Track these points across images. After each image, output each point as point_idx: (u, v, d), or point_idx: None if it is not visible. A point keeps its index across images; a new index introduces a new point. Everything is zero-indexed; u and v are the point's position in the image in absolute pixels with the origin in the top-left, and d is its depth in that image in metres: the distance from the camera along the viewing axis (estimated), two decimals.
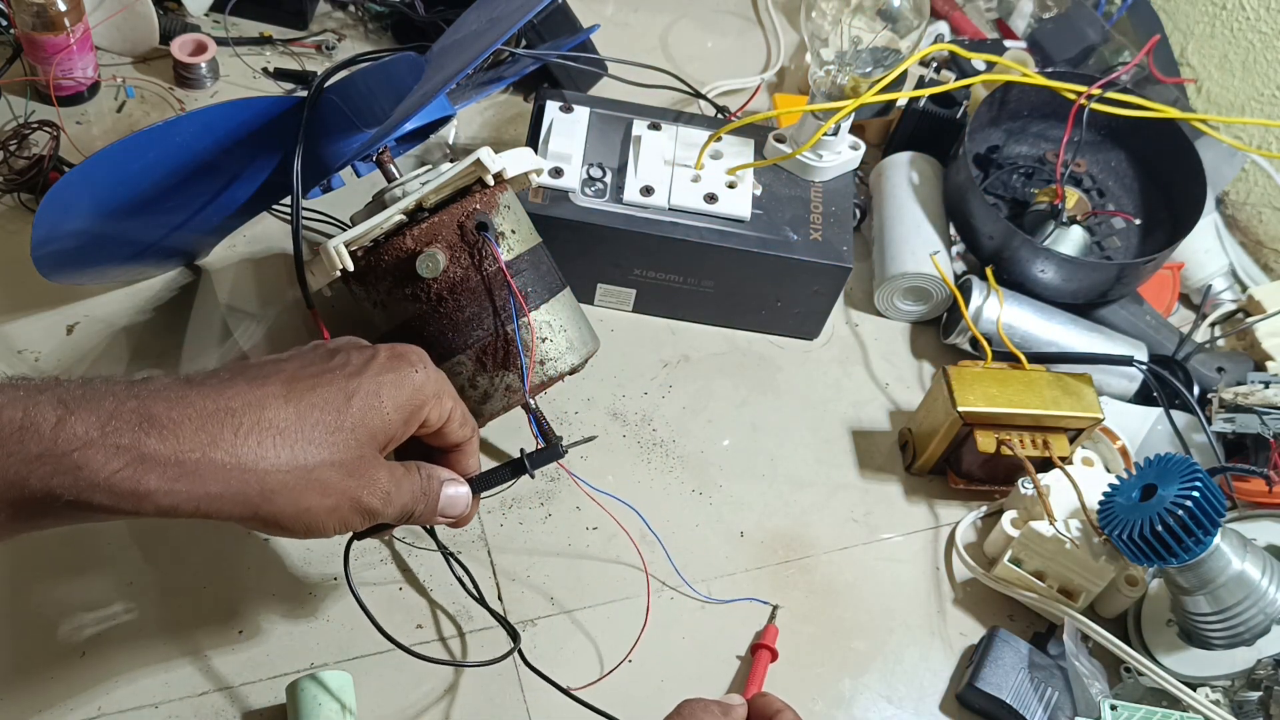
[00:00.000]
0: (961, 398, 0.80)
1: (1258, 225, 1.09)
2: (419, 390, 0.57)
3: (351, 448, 0.54)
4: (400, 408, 0.56)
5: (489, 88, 0.94)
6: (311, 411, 0.53)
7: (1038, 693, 0.73)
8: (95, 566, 0.70)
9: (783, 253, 0.85)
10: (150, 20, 0.97)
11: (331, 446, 0.53)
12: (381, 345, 0.59)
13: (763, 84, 1.11)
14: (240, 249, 0.88)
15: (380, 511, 0.56)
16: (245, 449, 0.50)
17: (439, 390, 0.59)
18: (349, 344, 0.59)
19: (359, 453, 0.54)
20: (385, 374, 0.56)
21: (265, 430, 0.51)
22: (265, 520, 0.52)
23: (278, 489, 0.51)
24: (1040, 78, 0.97)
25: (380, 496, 0.55)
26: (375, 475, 0.55)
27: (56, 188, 0.67)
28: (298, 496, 0.52)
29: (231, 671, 0.68)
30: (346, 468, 0.53)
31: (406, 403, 0.57)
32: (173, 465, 0.48)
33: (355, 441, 0.54)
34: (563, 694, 0.67)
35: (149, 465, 0.47)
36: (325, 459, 0.52)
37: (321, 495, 0.52)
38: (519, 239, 0.72)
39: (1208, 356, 0.93)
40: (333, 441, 0.53)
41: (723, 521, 0.81)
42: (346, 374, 0.55)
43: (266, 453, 0.50)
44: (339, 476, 0.53)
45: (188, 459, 0.48)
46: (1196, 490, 0.68)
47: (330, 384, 0.54)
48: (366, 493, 0.55)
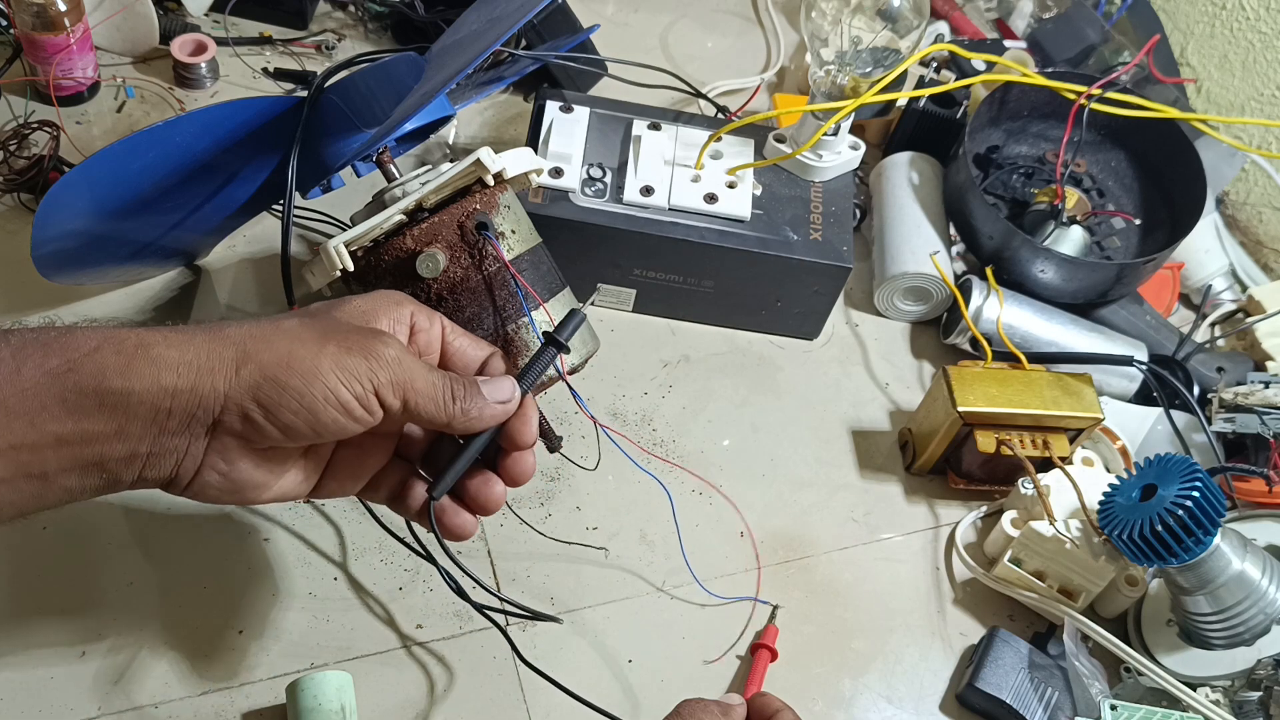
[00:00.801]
0: (961, 398, 0.80)
1: (1258, 225, 1.09)
2: (390, 295, 0.58)
3: (323, 316, 0.55)
4: (373, 300, 0.57)
5: (489, 88, 0.94)
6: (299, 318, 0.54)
7: (1038, 693, 0.73)
8: (95, 566, 0.70)
9: (783, 253, 0.85)
10: (150, 20, 0.97)
11: (327, 330, 0.53)
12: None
13: (763, 84, 1.11)
14: (240, 249, 0.88)
15: (389, 360, 0.53)
16: (213, 328, 0.52)
17: (418, 306, 0.59)
18: None
19: (334, 317, 0.55)
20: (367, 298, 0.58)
21: (229, 321, 0.53)
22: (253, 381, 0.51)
23: (249, 340, 0.51)
24: (1040, 78, 0.97)
25: (379, 338, 0.54)
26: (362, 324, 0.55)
27: (56, 188, 0.67)
28: (272, 344, 0.51)
29: (231, 671, 0.68)
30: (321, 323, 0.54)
31: (381, 297, 0.57)
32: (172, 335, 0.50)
33: (328, 314, 0.55)
34: (565, 693, 0.67)
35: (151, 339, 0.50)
36: (295, 319, 0.54)
37: (298, 342, 0.52)
38: (519, 239, 0.71)
39: (1208, 356, 0.93)
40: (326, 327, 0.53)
41: (723, 521, 0.81)
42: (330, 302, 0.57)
43: (231, 324, 0.52)
44: (311, 328, 0.53)
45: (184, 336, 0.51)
46: (1196, 490, 0.68)
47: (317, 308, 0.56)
48: (351, 333, 0.53)
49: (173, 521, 0.73)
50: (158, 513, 0.73)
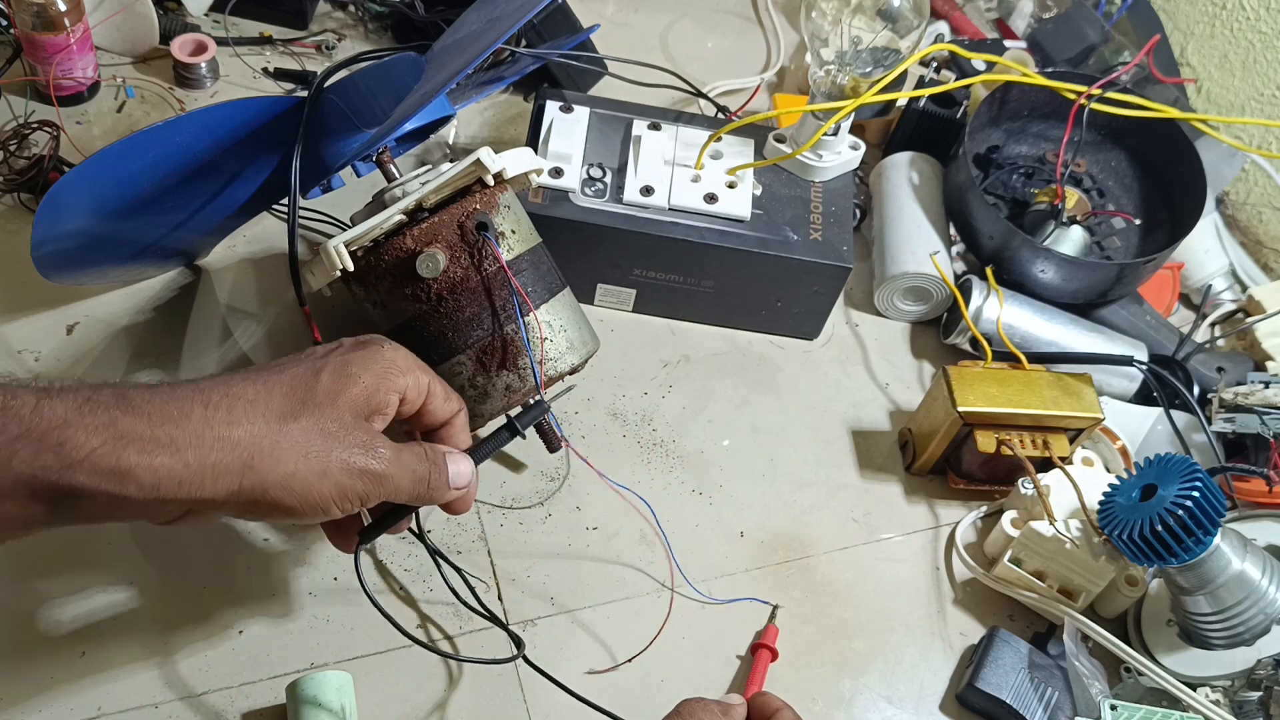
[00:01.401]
0: (961, 398, 0.80)
1: (1258, 225, 1.09)
2: (391, 363, 0.58)
3: (329, 414, 0.54)
4: (374, 376, 0.56)
5: (489, 88, 0.94)
6: (279, 385, 0.53)
7: (1038, 693, 0.73)
8: (95, 566, 0.70)
9: (783, 253, 0.85)
10: (150, 20, 0.97)
11: (306, 415, 0.53)
12: (345, 339, 0.60)
13: (763, 84, 1.11)
14: (240, 249, 0.88)
15: (384, 472, 0.55)
16: (217, 418, 0.50)
17: (411, 366, 0.59)
18: (320, 346, 0.60)
19: (338, 418, 0.54)
20: (353, 352, 0.57)
21: (235, 400, 0.51)
22: (253, 494, 0.51)
23: (256, 454, 0.51)
24: (1040, 78, 0.97)
25: (377, 458, 0.55)
26: (365, 438, 0.55)
27: (56, 188, 0.67)
28: (279, 460, 0.51)
29: (231, 671, 0.68)
30: (325, 430, 0.53)
31: (381, 372, 0.57)
32: (149, 440, 0.48)
33: (333, 410, 0.54)
34: (565, 692, 0.67)
35: (127, 441, 0.48)
36: (301, 423, 0.52)
37: (304, 458, 0.52)
38: (519, 239, 0.72)
39: (1208, 356, 0.93)
40: (306, 408, 0.53)
41: (723, 521, 0.81)
42: (314, 357, 0.56)
43: (238, 419, 0.51)
44: (319, 439, 0.53)
45: (163, 433, 0.49)
46: (1196, 490, 0.68)
47: (297, 365, 0.55)
48: (355, 453, 0.54)
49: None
50: None
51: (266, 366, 0.56)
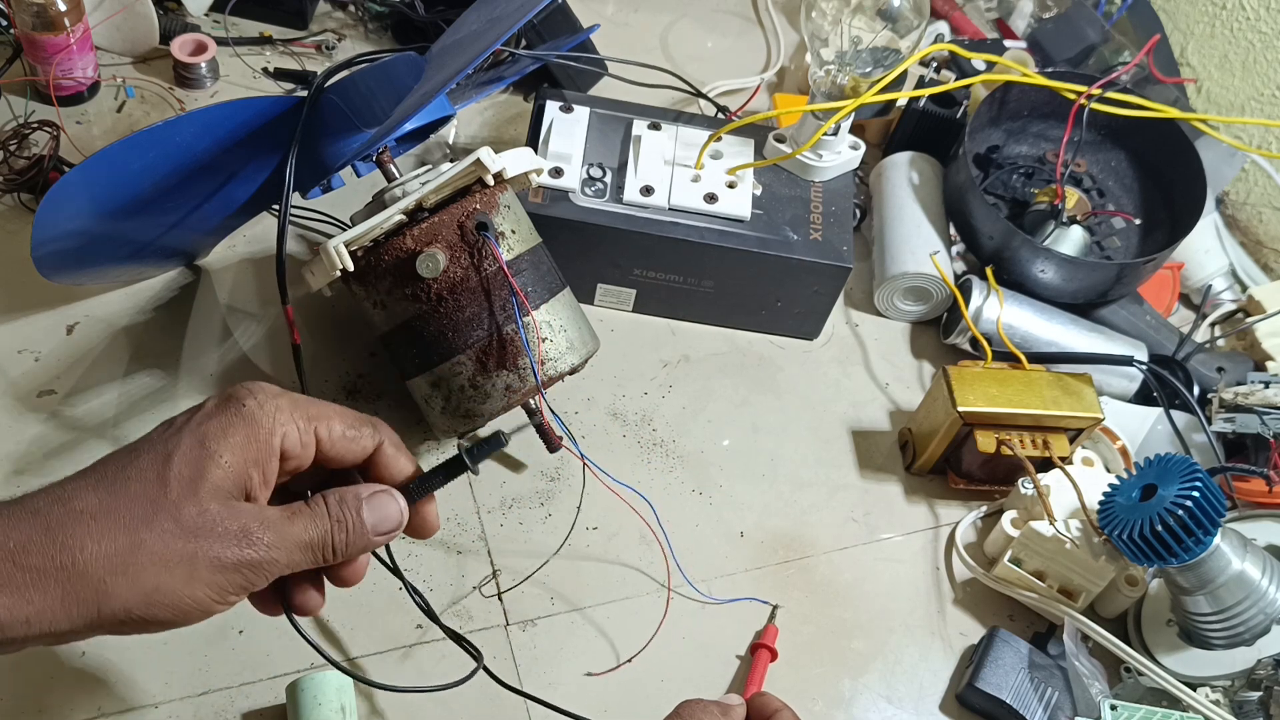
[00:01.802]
0: (961, 398, 0.80)
1: (1258, 225, 1.09)
2: (254, 423, 0.50)
3: (188, 507, 0.47)
4: (237, 449, 0.49)
5: (489, 88, 0.94)
6: (125, 486, 0.47)
7: (1038, 693, 0.73)
8: None
9: (783, 253, 0.85)
10: (150, 20, 0.97)
11: (160, 515, 0.47)
12: (215, 394, 0.52)
13: (763, 84, 1.11)
14: (240, 249, 0.88)
15: (263, 559, 0.49)
16: (57, 546, 0.44)
17: (287, 416, 0.51)
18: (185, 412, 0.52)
19: (199, 509, 0.47)
20: (210, 419, 0.49)
21: (76, 520, 0.45)
22: (115, 618, 0.46)
23: (108, 577, 0.45)
24: (1040, 78, 0.97)
25: (252, 544, 0.48)
26: (235, 524, 0.48)
27: (56, 188, 0.67)
28: (136, 578, 0.45)
29: (231, 671, 0.68)
30: (188, 530, 0.47)
31: (244, 441, 0.49)
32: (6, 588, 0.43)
33: (192, 499, 0.47)
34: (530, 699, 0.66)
35: None
36: (155, 529, 0.46)
37: (164, 568, 0.46)
38: (519, 239, 0.72)
39: (1208, 356, 0.93)
40: (160, 509, 0.47)
41: (723, 521, 0.81)
42: (165, 436, 0.49)
43: (83, 542, 0.45)
44: (179, 540, 0.46)
45: (19, 574, 0.44)
46: (1196, 490, 0.68)
47: (147, 451, 0.48)
48: (227, 547, 0.47)
49: None
50: None
51: (113, 460, 0.49)
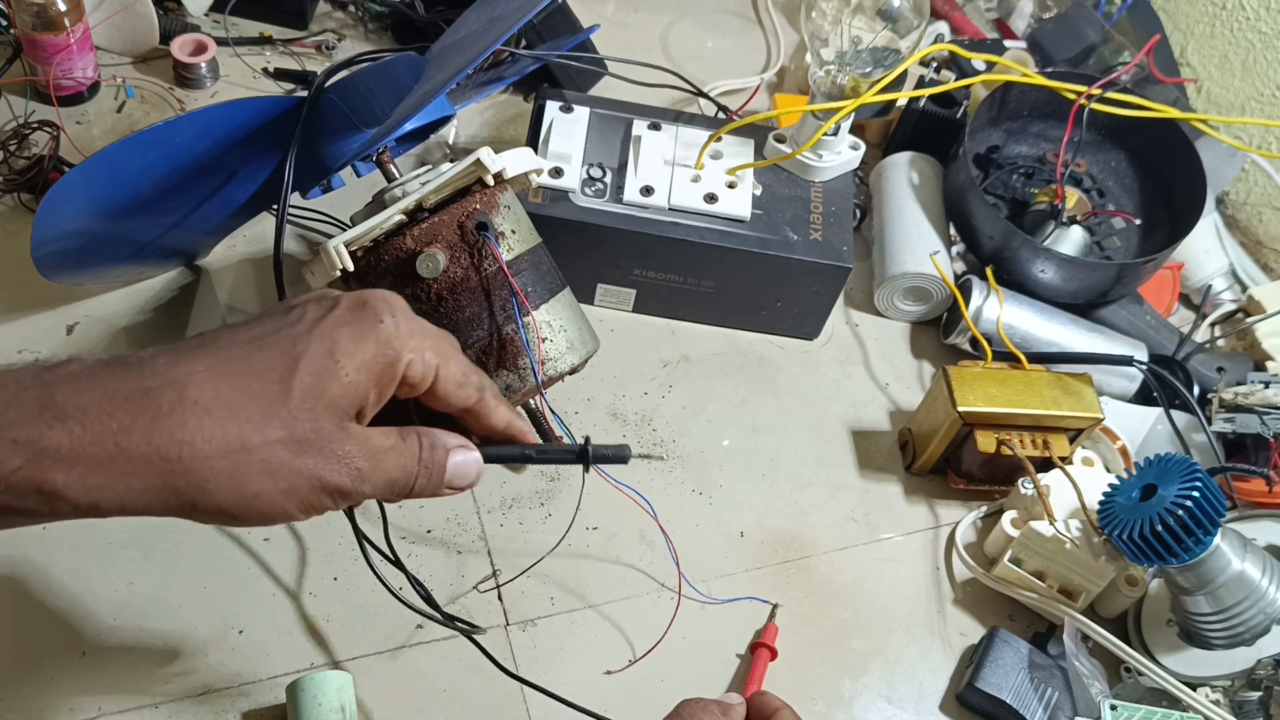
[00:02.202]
0: (961, 398, 0.80)
1: (1258, 225, 1.09)
2: (386, 343, 0.48)
3: (304, 420, 0.45)
4: (363, 366, 0.47)
5: (489, 88, 0.94)
6: (247, 383, 0.45)
7: (1038, 693, 0.73)
8: (95, 566, 0.70)
9: (783, 253, 0.85)
10: (150, 20, 0.97)
11: (276, 421, 0.45)
12: (346, 294, 0.49)
13: (763, 84, 1.11)
14: (240, 249, 0.88)
15: (354, 490, 0.48)
16: (163, 436, 0.43)
17: (418, 343, 0.49)
18: (314, 296, 0.50)
19: (315, 425, 0.46)
20: (343, 327, 0.47)
21: (188, 411, 0.43)
22: (209, 514, 0.45)
23: (211, 478, 0.44)
24: (1040, 78, 0.97)
25: (350, 474, 0.47)
26: (341, 449, 0.47)
27: (56, 188, 0.67)
28: (240, 483, 0.44)
29: (231, 671, 0.68)
30: (300, 444, 0.45)
31: (372, 360, 0.47)
32: (81, 460, 0.42)
33: (309, 412, 0.45)
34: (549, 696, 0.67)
35: (53, 460, 0.41)
36: (270, 437, 0.44)
37: (270, 478, 0.45)
38: (519, 239, 0.71)
39: (1208, 356, 0.93)
40: (277, 415, 0.45)
41: (723, 521, 0.81)
42: (294, 333, 0.46)
43: (192, 437, 0.43)
44: (289, 455, 0.45)
45: (97, 452, 0.42)
46: (1196, 490, 0.68)
47: (273, 347, 0.46)
48: (330, 470, 0.46)
49: (173, 522, 0.72)
50: None
51: (234, 344, 0.46)
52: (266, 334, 0.46)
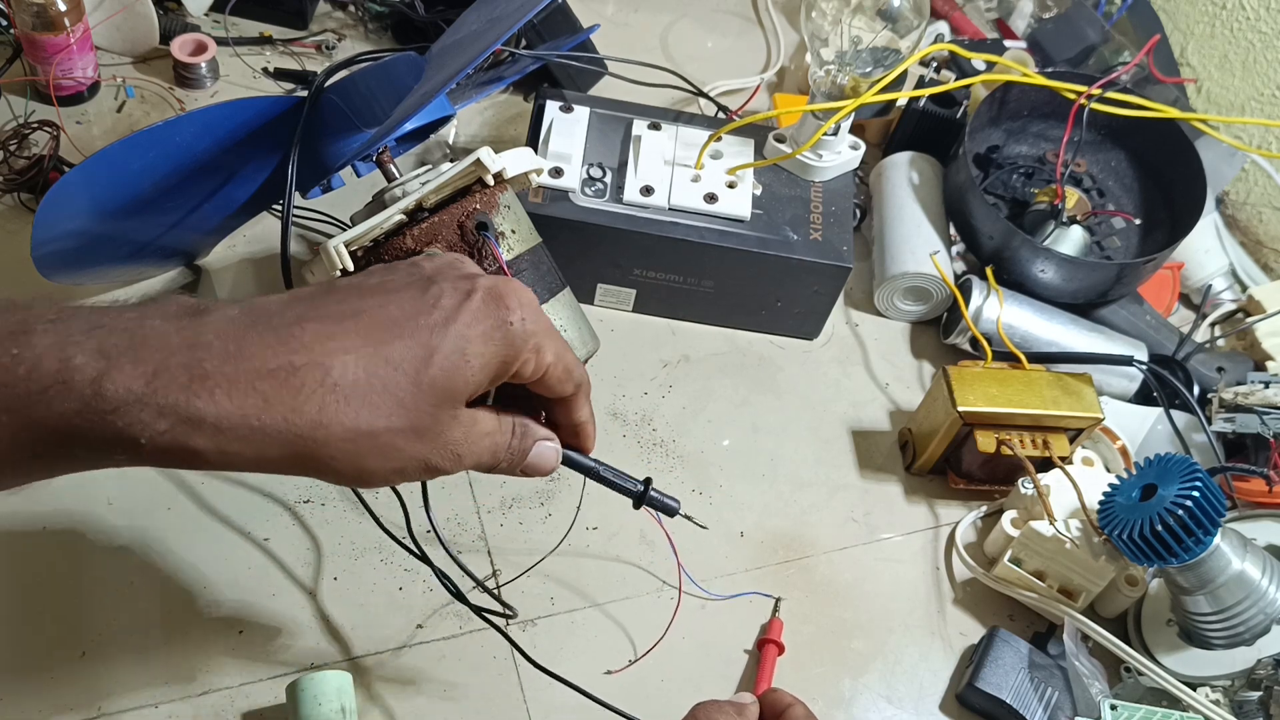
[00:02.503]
0: (961, 398, 0.80)
1: (1258, 225, 1.09)
2: (511, 345, 0.50)
3: (425, 411, 0.48)
4: (488, 365, 0.50)
5: (489, 88, 0.94)
6: (384, 370, 0.47)
7: (1038, 693, 0.73)
8: (95, 566, 0.70)
9: (783, 253, 0.85)
10: (150, 20, 0.97)
11: (403, 412, 0.48)
12: (481, 278, 0.51)
13: (763, 84, 1.11)
14: (240, 249, 0.88)
15: (451, 470, 0.51)
16: (304, 415, 0.45)
17: (538, 343, 0.52)
18: (448, 267, 0.52)
19: (434, 415, 0.49)
20: (477, 324, 0.49)
21: (328, 393, 0.45)
22: (324, 476, 0.48)
23: (337, 454, 0.47)
24: (1040, 78, 0.97)
25: (451, 458, 0.51)
26: (450, 437, 0.50)
27: (56, 188, 0.67)
28: (359, 460, 0.47)
29: (231, 671, 0.68)
30: (418, 432, 0.49)
31: (496, 358, 0.50)
32: (224, 429, 0.44)
33: (431, 404, 0.48)
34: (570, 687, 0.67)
35: (197, 427, 0.43)
36: (394, 425, 0.47)
37: (385, 459, 0.48)
38: (519, 239, 0.71)
39: (1208, 356, 0.93)
40: (404, 406, 0.48)
41: (723, 521, 0.81)
42: (431, 323, 0.48)
43: (327, 418, 0.46)
44: (407, 442, 0.48)
45: (240, 424, 0.44)
46: (1196, 490, 0.68)
47: (412, 335, 0.48)
48: (436, 456, 0.50)
49: (173, 522, 0.73)
50: (158, 513, 0.73)
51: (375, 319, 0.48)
52: (405, 318, 0.48)
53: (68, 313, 0.44)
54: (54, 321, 0.43)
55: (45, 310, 0.44)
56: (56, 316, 0.43)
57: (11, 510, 0.70)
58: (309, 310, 0.47)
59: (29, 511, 0.71)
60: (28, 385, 0.42)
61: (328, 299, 0.48)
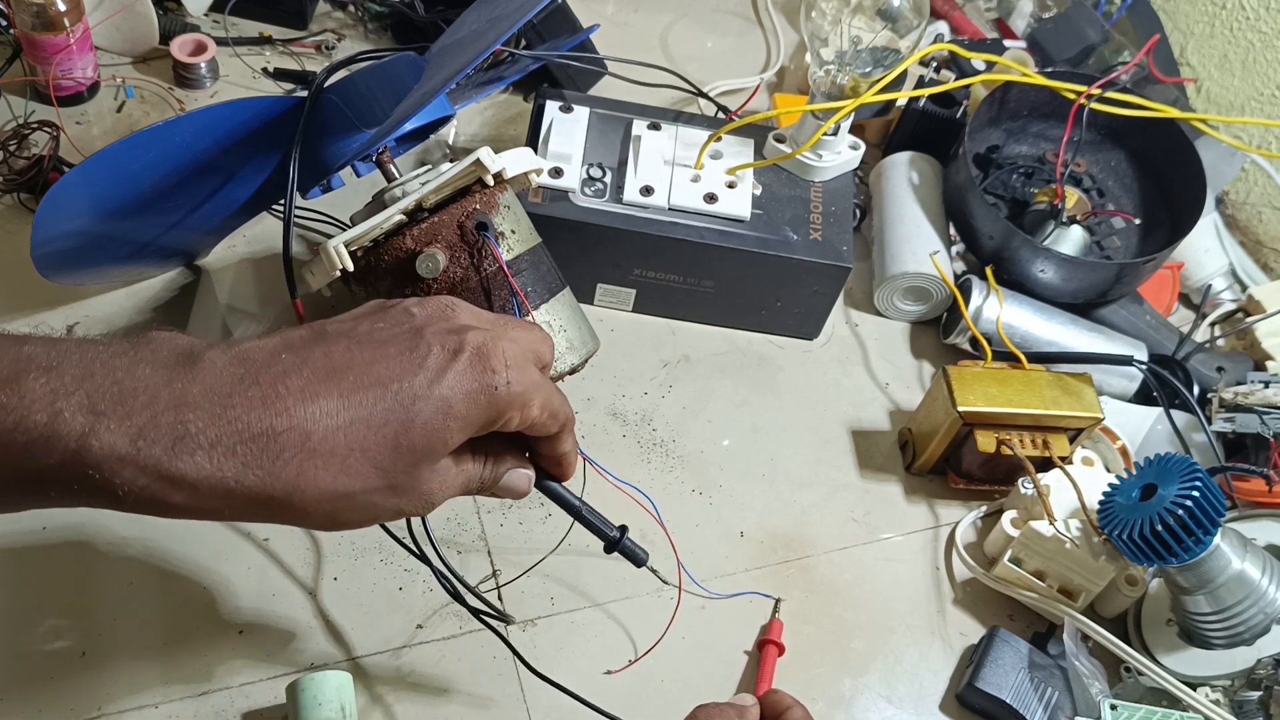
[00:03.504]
0: (961, 398, 0.80)
1: (1257, 225, 1.09)
2: (495, 407, 0.50)
3: (402, 471, 0.49)
4: (469, 425, 0.50)
5: (489, 88, 0.94)
6: (364, 434, 0.47)
7: (1038, 693, 0.73)
8: (95, 567, 0.70)
9: (783, 253, 0.85)
10: (150, 20, 0.97)
11: (379, 474, 0.48)
12: (470, 334, 0.50)
13: (762, 84, 1.11)
14: (240, 249, 0.88)
15: (424, 513, 0.52)
16: (280, 479, 0.46)
17: (525, 401, 0.51)
18: (438, 318, 0.51)
19: (411, 474, 0.49)
20: (461, 385, 0.49)
21: (307, 458, 0.46)
22: (295, 524, 0.49)
23: (313, 511, 0.47)
24: (1040, 77, 0.97)
25: (425, 504, 0.51)
26: (425, 488, 0.50)
27: (56, 188, 0.67)
28: (333, 516, 0.48)
29: (231, 671, 0.68)
30: (393, 489, 0.49)
31: (479, 420, 0.50)
32: (202, 489, 0.45)
33: (409, 464, 0.49)
34: (568, 695, 0.67)
35: (175, 485, 0.44)
36: (370, 486, 0.48)
37: (359, 513, 0.49)
38: (519, 239, 0.72)
39: (1208, 356, 0.93)
40: (382, 469, 0.48)
41: (723, 521, 0.81)
42: (415, 386, 0.48)
43: (305, 482, 0.46)
44: (382, 498, 0.49)
45: (218, 485, 0.45)
46: (1196, 490, 0.68)
47: (395, 398, 0.48)
48: (410, 504, 0.50)
49: (173, 522, 0.72)
50: None
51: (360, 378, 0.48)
52: (391, 378, 0.48)
53: (60, 354, 0.44)
54: (46, 370, 0.43)
55: (39, 351, 0.44)
56: (49, 363, 0.43)
57: None
58: (296, 363, 0.47)
59: (29, 512, 0.71)
60: (14, 437, 0.42)
61: (314, 350, 0.48)
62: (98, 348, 0.45)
